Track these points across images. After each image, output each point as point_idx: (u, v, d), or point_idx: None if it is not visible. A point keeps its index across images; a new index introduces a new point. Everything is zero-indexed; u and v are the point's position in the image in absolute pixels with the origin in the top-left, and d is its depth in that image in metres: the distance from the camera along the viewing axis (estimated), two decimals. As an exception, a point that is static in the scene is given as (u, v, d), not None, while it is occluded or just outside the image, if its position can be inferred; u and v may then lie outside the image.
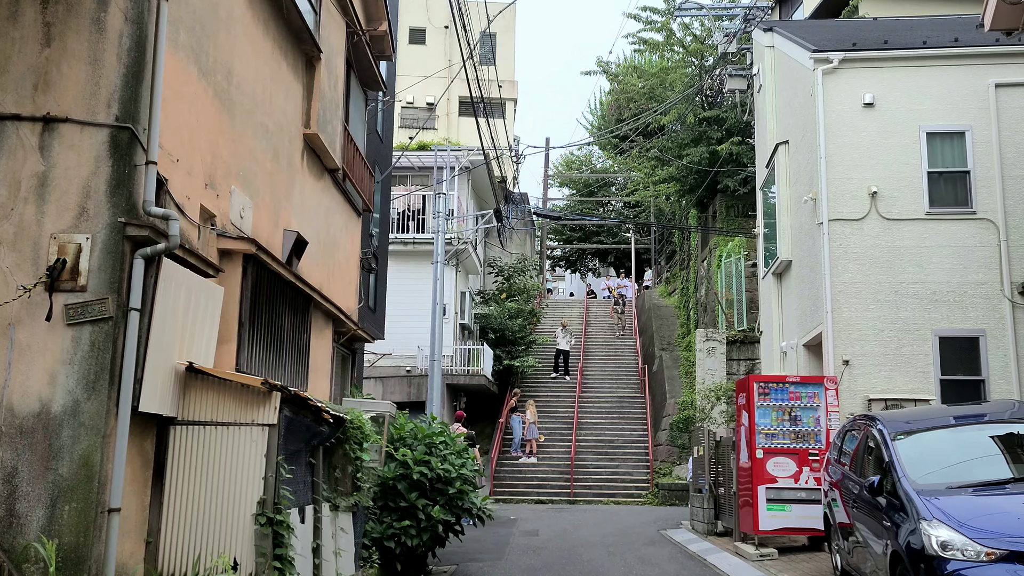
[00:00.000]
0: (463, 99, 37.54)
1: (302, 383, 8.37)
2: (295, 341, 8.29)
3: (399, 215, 25.67)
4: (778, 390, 12.16)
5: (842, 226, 13.12)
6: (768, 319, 17.04)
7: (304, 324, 8.54)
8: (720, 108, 26.82)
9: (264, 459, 5.69)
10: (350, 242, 11.22)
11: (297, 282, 8.04)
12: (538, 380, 27.27)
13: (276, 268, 7.41)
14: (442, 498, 9.95)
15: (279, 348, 7.83)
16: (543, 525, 16.34)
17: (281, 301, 7.87)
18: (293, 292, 8.17)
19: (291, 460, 6.23)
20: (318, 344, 9.27)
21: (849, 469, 9.00)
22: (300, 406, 6.26)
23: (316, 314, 9.22)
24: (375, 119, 15.19)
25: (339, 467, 7.72)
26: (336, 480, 7.81)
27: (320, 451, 7.08)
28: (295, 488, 6.35)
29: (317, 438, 6.92)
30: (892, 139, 13.23)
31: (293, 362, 8.25)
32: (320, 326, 9.48)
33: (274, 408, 5.75)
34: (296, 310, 8.33)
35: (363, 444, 8.21)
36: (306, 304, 8.61)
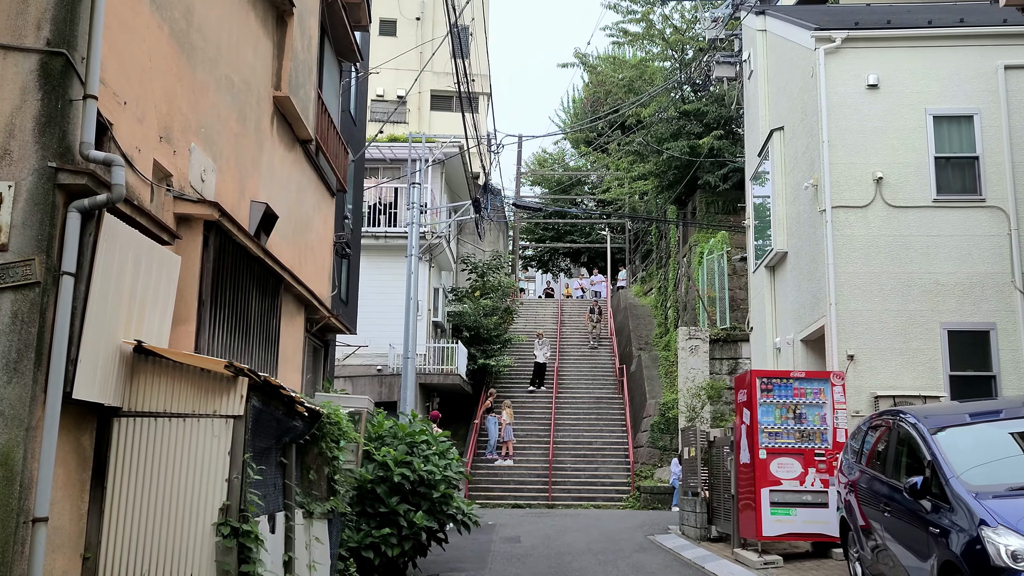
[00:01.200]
0: (435, 93, 36.63)
1: (271, 374, 7.40)
2: (264, 326, 7.33)
3: (370, 209, 24.67)
4: (781, 386, 11.38)
5: (846, 214, 12.41)
6: (760, 314, 16.32)
7: (274, 308, 7.58)
8: (701, 101, 26.22)
9: (228, 458, 4.75)
10: (323, 223, 10.26)
11: (266, 258, 7.08)
12: (513, 380, 26.39)
13: (243, 240, 6.45)
14: (425, 503, 9.03)
15: (245, 333, 6.87)
16: (524, 531, 15.44)
17: (248, 279, 6.91)
18: (262, 270, 7.21)
19: (260, 459, 5.29)
20: (289, 331, 8.31)
21: (872, 469, 8.23)
22: (271, 396, 5.32)
23: (287, 298, 8.26)
24: (348, 98, 14.23)
25: (314, 468, 6.77)
26: (310, 483, 6.86)
27: (293, 450, 6.14)
28: (264, 492, 5.41)
29: (290, 434, 5.97)
30: (897, 122, 12.57)
31: (261, 350, 7.29)
32: (291, 312, 8.52)
33: (240, 397, 4.81)
34: (265, 291, 7.37)
35: (340, 443, 7.27)
36: (276, 285, 7.65)
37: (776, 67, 15.48)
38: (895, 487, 7.35)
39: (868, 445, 8.76)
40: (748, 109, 17.82)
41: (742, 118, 26.21)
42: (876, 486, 7.91)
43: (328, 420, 6.68)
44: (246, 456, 4.80)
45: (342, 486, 7.62)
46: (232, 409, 4.79)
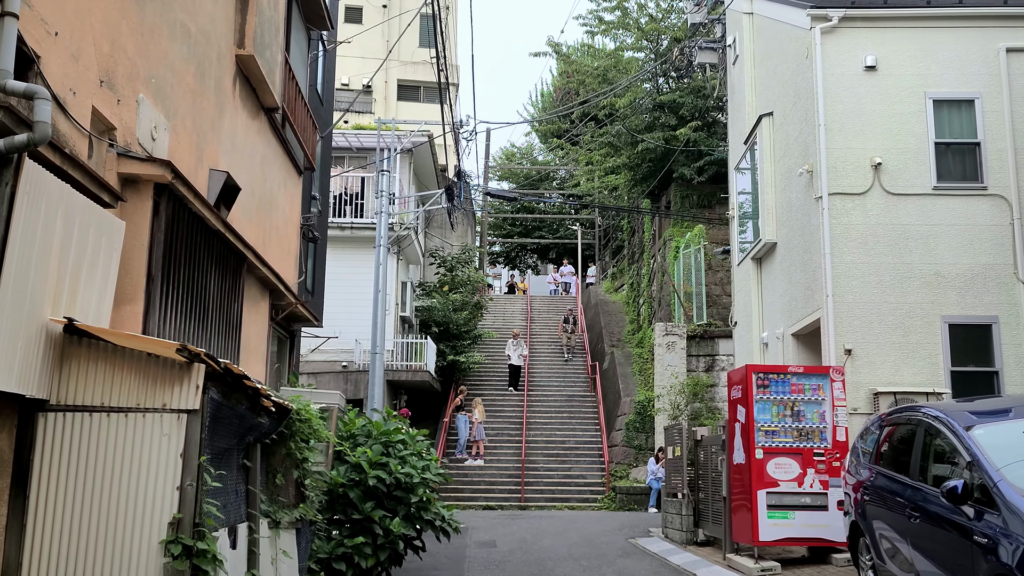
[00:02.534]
0: (402, 82, 35.71)
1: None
2: (224, 311, 6.46)
3: (336, 199, 23.71)
4: (779, 382, 10.73)
5: (843, 201, 11.81)
6: (745, 308, 15.71)
7: (235, 290, 6.72)
8: (676, 92, 25.62)
9: (180, 461, 3.91)
10: (289, 203, 9.39)
11: (228, 233, 6.22)
12: (484, 377, 25.59)
13: (200, 209, 5.59)
14: (402, 508, 8.22)
15: (203, 317, 6.01)
16: (499, 535, 14.66)
17: (207, 255, 6.05)
18: (222, 246, 6.35)
19: (219, 462, 4.46)
20: (252, 318, 7.45)
21: (891, 470, 7.59)
22: (232, 387, 4.48)
23: (250, 281, 7.40)
24: (315, 75, 13.33)
25: (281, 471, 5.93)
26: (277, 488, 6.02)
27: (257, 450, 5.29)
28: (225, 501, 4.57)
29: (254, 432, 5.14)
30: (896, 106, 12.00)
31: (221, 337, 6.42)
32: (255, 296, 7.65)
33: (196, 387, 3.97)
34: (226, 270, 6.50)
35: (310, 442, 6.43)
36: (238, 264, 6.79)
37: (764, 51, 14.87)
38: (923, 491, 6.70)
39: (882, 445, 8.13)
40: (733, 96, 17.22)
41: (720, 109, 25.76)
42: (897, 490, 7.26)
43: (298, 417, 5.84)
44: (202, 459, 3.96)
45: (312, 491, 6.79)
46: (185, 402, 3.95)
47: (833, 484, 10.40)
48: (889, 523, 7.30)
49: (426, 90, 35.25)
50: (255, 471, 5.24)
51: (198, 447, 3.94)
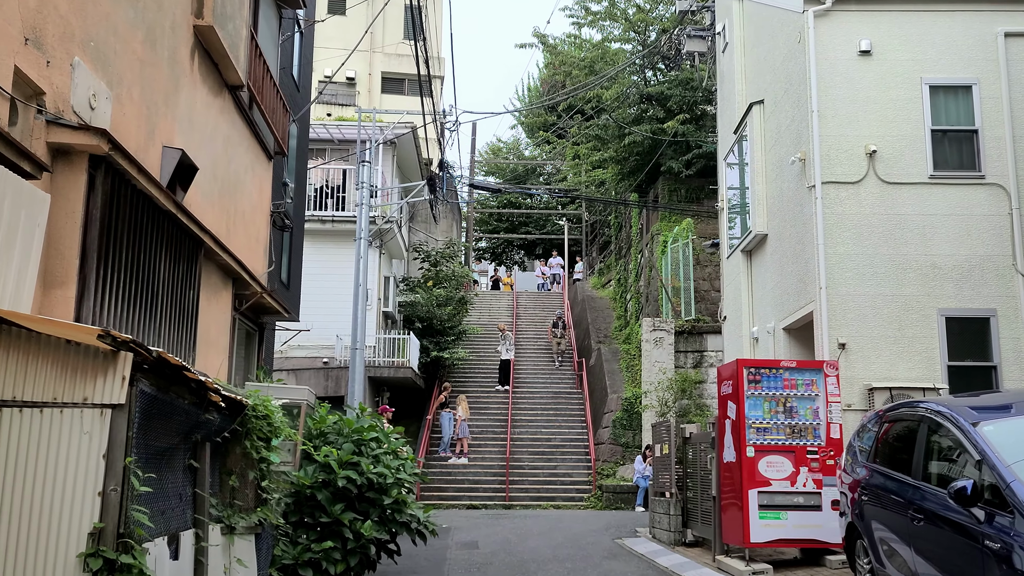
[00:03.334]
0: (386, 75, 35.15)
1: (187, 359, 6.06)
2: (177, 299, 5.97)
3: (316, 191, 23.21)
4: (771, 377, 10.32)
5: (836, 190, 11.41)
6: (735, 302, 15.30)
7: (191, 277, 6.23)
8: (664, 84, 25.22)
9: (103, 462, 3.43)
10: (258, 189, 8.89)
11: (180, 214, 5.73)
12: (468, 373, 25.14)
13: (146, 186, 5.10)
14: (375, 510, 7.75)
15: (152, 305, 5.52)
16: (482, 535, 14.21)
17: (156, 238, 5.55)
18: (175, 229, 5.86)
19: (155, 463, 3.98)
20: (212, 308, 6.96)
21: (891, 469, 7.18)
22: (171, 379, 4.00)
23: (209, 268, 6.91)
24: (290, 59, 12.83)
25: (237, 472, 5.45)
26: (232, 491, 5.54)
27: (207, 450, 4.82)
28: (164, 507, 4.09)
29: (202, 430, 4.66)
30: (891, 92, 11.61)
31: (174, 328, 5.94)
32: (215, 285, 7.16)
33: (122, 379, 3.50)
34: (179, 255, 6.01)
35: (271, 441, 5.96)
36: (194, 249, 6.30)
37: (755, 37, 14.46)
38: (926, 492, 6.29)
39: (880, 442, 7.72)
40: (722, 84, 16.80)
41: (709, 101, 25.36)
42: (897, 490, 6.86)
43: (254, 413, 5.36)
44: (129, 460, 3.49)
45: (275, 492, 6.31)
46: (109, 396, 3.47)
47: (827, 483, 10.00)
48: (889, 525, 6.89)
49: (410, 83, 34.68)
50: (204, 472, 4.76)
51: (124, 446, 3.47)
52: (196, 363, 6.31)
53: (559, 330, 27.03)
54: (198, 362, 6.45)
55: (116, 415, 3.47)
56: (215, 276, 7.16)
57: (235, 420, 5.16)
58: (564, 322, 27.65)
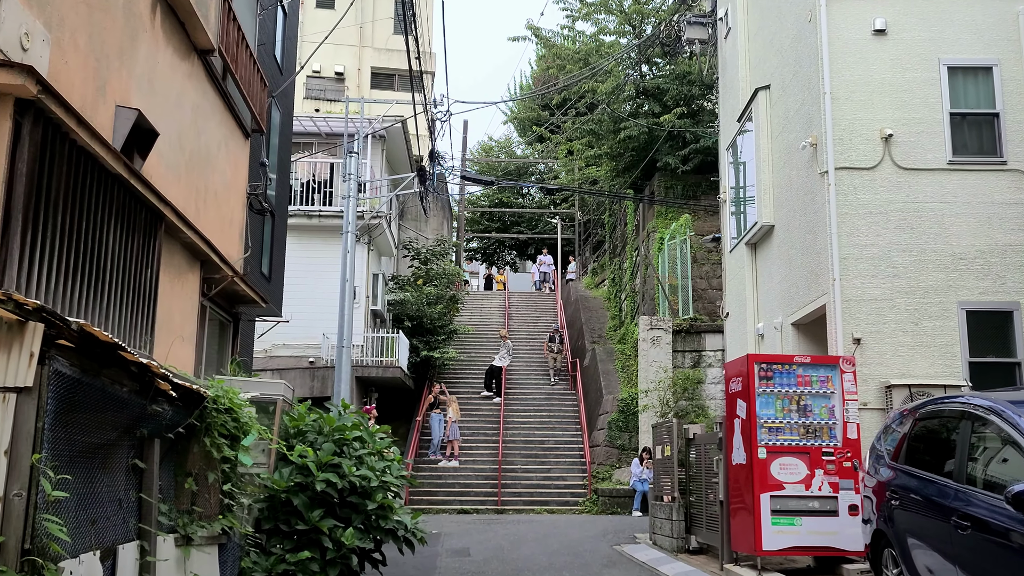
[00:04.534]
0: (376, 70, 34.46)
1: (143, 347, 5.34)
2: (132, 278, 5.27)
3: (303, 186, 22.50)
4: (783, 373, 9.67)
5: (851, 176, 10.78)
6: (738, 298, 14.66)
7: (148, 254, 5.53)
8: (660, 79, 24.62)
9: (3, 459, 2.74)
10: (232, 167, 8.18)
11: (134, 180, 5.03)
12: (459, 374, 24.43)
13: (89, 143, 4.41)
14: (358, 517, 7.05)
15: (98, 283, 4.82)
16: (474, 541, 13.51)
17: (105, 206, 4.86)
18: (129, 197, 5.16)
19: (82, 463, 3.28)
20: (175, 292, 6.25)
21: (927, 471, 6.53)
22: (102, 361, 3.30)
23: (172, 246, 6.20)
24: (272, 37, 12.13)
25: (197, 474, 4.75)
26: (192, 496, 4.83)
27: (155, 447, 4.11)
28: (95, 514, 3.39)
29: (148, 424, 3.96)
30: (907, 74, 10.99)
31: (127, 311, 5.23)
32: (179, 266, 6.45)
33: (30, 356, 2.80)
34: (134, 228, 5.31)
35: (239, 439, 5.25)
36: (153, 222, 5.60)
37: (760, 20, 13.84)
38: (974, 496, 5.63)
39: (909, 441, 7.08)
40: (724, 72, 16.17)
41: (706, 96, 24.77)
42: (934, 494, 6.20)
43: (217, 407, 4.66)
44: (37, 457, 2.79)
45: (243, 497, 5.61)
46: (13, 377, 2.78)
47: (843, 487, 9.36)
48: (926, 533, 6.23)
49: (401, 78, 34.00)
50: (152, 474, 4.06)
51: (33, 440, 2.77)
52: (155, 352, 5.62)
53: (556, 344, 25.05)
54: (158, 351, 5.75)
55: (22, 401, 2.78)
56: (179, 256, 6.45)
57: (192, 414, 4.45)
58: (562, 336, 25.69)
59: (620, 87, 24.17)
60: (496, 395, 22.95)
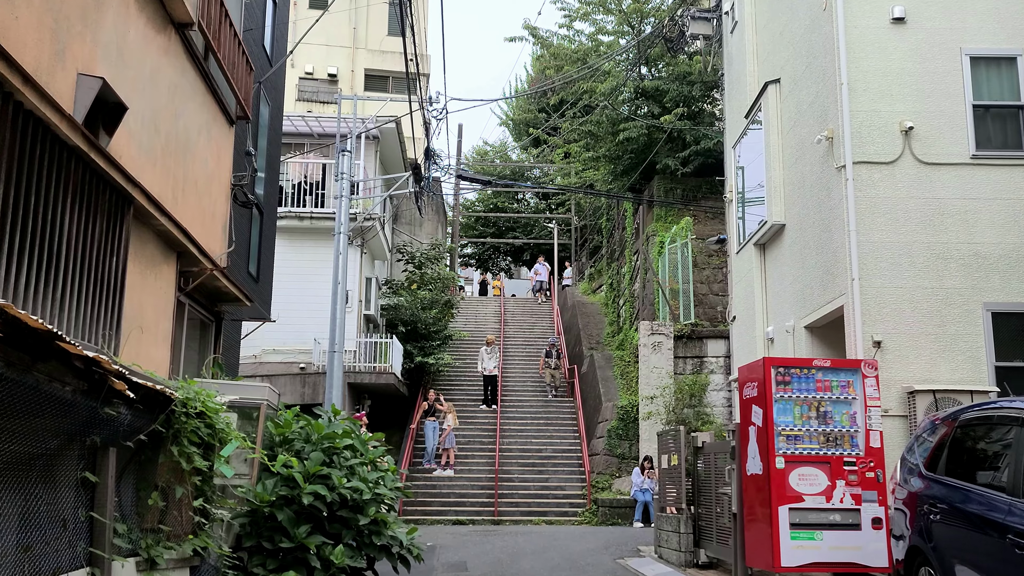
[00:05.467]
0: (369, 72, 33.89)
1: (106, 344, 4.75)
2: (92, 266, 4.68)
3: (295, 188, 21.92)
4: (802, 378, 9.10)
5: (869, 171, 10.25)
6: (746, 301, 14.11)
7: (114, 240, 4.94)
8: (660, 80, 24.12)
9: None
10: (214, 154, 7.60)
11: (96, 155, 4.44)
12: (454, 380, 23.82)
13: (38, 107, 3.82)
14: (348, 533, 6.46)
15: (50, 270, 4.22)
16: (470, 554, 12.90)
17: (59, 182, 4.27)
18: (90, 175, 4.58)
19: (10, 477, 2.68)
20: (147, 285, 5.66)
21: (971, 483, 5.97)
22: (35, 354, 2.71)
23: (144, 234, 5.62)
24: (260, 24, 11.57)
25: (161, 487, 4.15)
26: (160, 513, 4.24)
27: (110, 458, 3.52)
28: (28, 539, 2.81)
29: (101, 430, 3.37)
30: (928, 64, 10.48)
31: (86, 303, 4.64)
32: (151, 256, 5.86)
33: (-68, 343, 2.22)
34: (96, 210, 4.72)
35: (214, 448, 4.66)
36: (119, 205, 5.01)
37: (770, 12, 13.33)
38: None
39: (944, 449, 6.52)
40: (731, 67, 15.66)
41: (707, 97, 24.28)
42: (984, 509, 5.64)
43: (185, 410, 4.07)
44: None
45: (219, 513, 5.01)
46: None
47: (866, 499, 8.79)
48: (974, 551, 5.67)
49: (395, 80, 33.45)
50: (106, 489, 3.47)
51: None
52: (122, 351, 5.03)
53: (553, 360, 23.58)
54: (126, 350, 5.17)
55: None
56: (152, 246, 5.86)
57: (156, 419, 3.86)
58: (559, 351, 24.21)
59: (619, 87, 23.65)
60: (493, 403, 22.33)
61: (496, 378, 22.71)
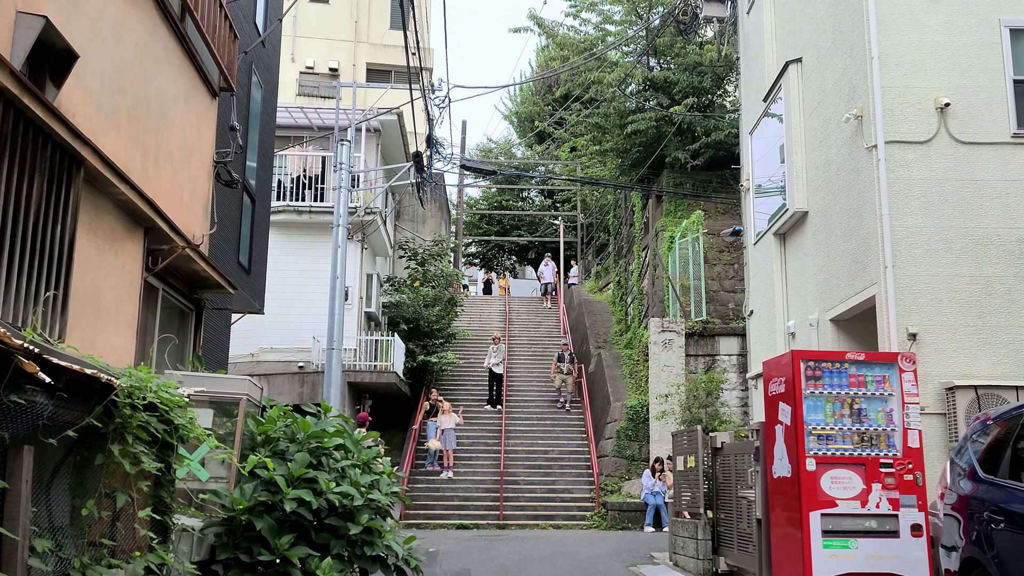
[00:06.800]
0: (371, 66, 33.21)
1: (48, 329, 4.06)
2: (29, 234, 3.99)
3: (293, 181, 21.26)
4: (834, 372, 8.39)
5: (902, 150, 9.54)
6: (765, 294, 13.40)
7: (58, 206, 4.25)
8: (669, 70, 23.42)
9: None
10: (195, 129, 6.92)
11: (30, 100, 3.76)
12: (458, 380, 23.13)
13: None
14: (338, 543, 5.77)
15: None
16: (475, 562, 12.22)
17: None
18: (24, 125, 3.89)
19: None
20: (105, 262, 4.98)
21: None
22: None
23: (101, 204, 4.93)
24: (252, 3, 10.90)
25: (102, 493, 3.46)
26: (104, 525, 3.55)
27: (24, 458, 2.83)
28: None
29: (10, 425, 2.67)
30: (964, 36, 9.78)
31: (20, 276, 3.94)
32: (111, 230, 5.17)
33: None
34: (35, 169, 4.03)
35: (176, 446, 3.98)
36: (67, 165, 4.32)
37: (790, -12, 12.62)
38: None
39: (1014, 449, 5.82)
40: (747, 50, 14.95)
41: (716, 88, 23.59)
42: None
43: (131, 401, 3.38)
44: None
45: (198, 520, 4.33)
46: None
47: (904, 503, 8.09)
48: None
49: (397, 75, 32.78)
50: (19, 496, 2.78)
51: None
52: (71, 337, 4.34)
53: (565, 365, 21.80)
54: (77, 335, 4.48)
55: None
56: (111, 218, 5.17)
57: (92, 411, 3.17)
58: (572, 355, 22.43)
59: (628, 76, 22.95)
60: (498, 403, 21.62)
61: (502, 377, 22.00)
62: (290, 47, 31.72)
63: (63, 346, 3.24)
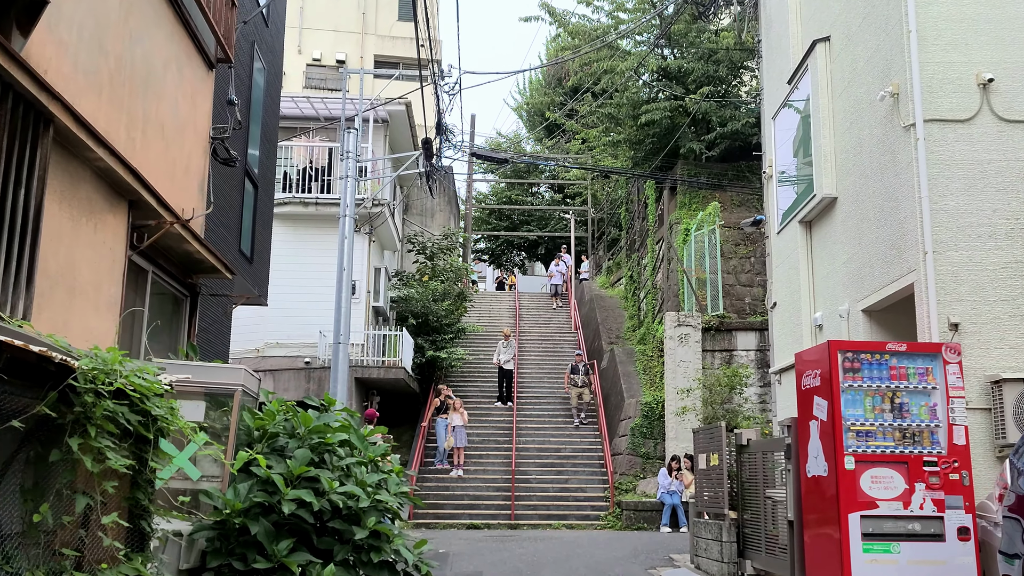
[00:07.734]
0: (379, 58, 32.69)
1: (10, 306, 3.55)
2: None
3: (300, 173, 20.78)
4: (873, 364, 7.85)
5: (942, 129, 8.96)
6: (790, 285, 12.83)
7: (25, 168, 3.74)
8: (683, 59, 22.86)
9: None
10: (189, 101, 6.41)
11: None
12: (468, 376, 22.62)
13: None
14: (342, 548, 5.25)
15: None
16: (486, 563, 11.70)
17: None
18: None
19: None
20: (81, 236, 4.47)
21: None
22: None
23: (78, 170, 4.42)
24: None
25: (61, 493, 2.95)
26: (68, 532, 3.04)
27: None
28: None
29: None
30: (1008, 8, 9.20)
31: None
32: (89, 201, 4.66)
33: None
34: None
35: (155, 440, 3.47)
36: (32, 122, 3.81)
37: (816, -36, 12.05)
38: None
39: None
40: (769, 31, 14.38)
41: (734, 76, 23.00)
42: None
43: (94, 386, 2.87)
44: None
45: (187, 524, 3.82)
46: None
47: (950, 504, 7.55)
48: None
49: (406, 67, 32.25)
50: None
51: None
52: (39, 316, 3.84)
53: (580, 377, 20.38)
54: (46, 316, 3.98)
55: None
56: (89, 187, 4.65)
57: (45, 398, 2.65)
58: (587, 366, 20.91)
59: (641, 64, 22.37)
60: (508, 400, 21.10)
61: (512, 373, 21.47)
62: (297, 39, 31.27)
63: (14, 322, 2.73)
